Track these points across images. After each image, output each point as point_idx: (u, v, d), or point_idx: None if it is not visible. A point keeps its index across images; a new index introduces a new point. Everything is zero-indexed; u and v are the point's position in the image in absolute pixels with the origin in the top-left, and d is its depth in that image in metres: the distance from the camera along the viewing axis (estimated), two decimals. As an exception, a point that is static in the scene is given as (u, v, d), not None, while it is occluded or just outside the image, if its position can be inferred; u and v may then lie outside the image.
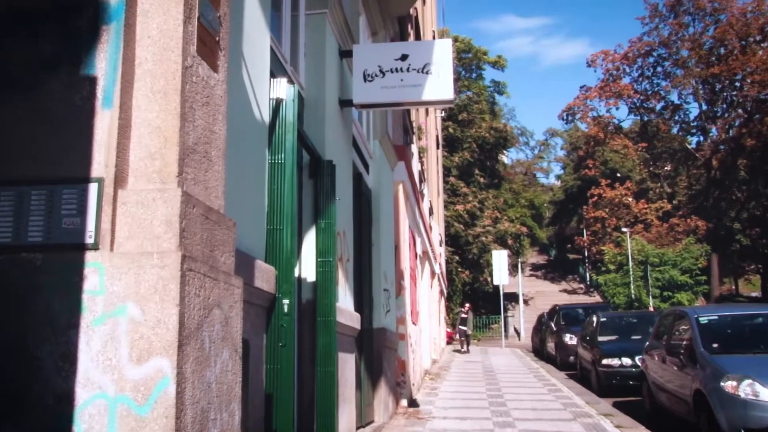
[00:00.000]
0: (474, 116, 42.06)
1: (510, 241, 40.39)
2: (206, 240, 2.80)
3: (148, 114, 2.71)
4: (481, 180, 41.59)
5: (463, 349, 24.16)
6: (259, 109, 4.45)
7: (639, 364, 11.41)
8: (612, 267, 42.04)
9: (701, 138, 49.68)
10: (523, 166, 71.07)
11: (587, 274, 52.14)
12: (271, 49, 5.02)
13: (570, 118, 53.77)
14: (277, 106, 4.93)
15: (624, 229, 43.70)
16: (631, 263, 39.86)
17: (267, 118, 4.68)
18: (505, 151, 50.50)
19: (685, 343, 8.54)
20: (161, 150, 2.68)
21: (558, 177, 70.46)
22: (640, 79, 50.39)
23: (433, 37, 25.32)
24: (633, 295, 38.75)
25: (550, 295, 47.04)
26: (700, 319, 8.71)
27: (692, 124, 50.35)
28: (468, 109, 41.86)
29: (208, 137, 2.95)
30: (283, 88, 4.94)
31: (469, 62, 46.37)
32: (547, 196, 65.87)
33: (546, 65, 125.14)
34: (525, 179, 65.14)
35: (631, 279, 39.61)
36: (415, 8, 16.70)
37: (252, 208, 4.31)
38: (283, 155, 4.87)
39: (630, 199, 47.68)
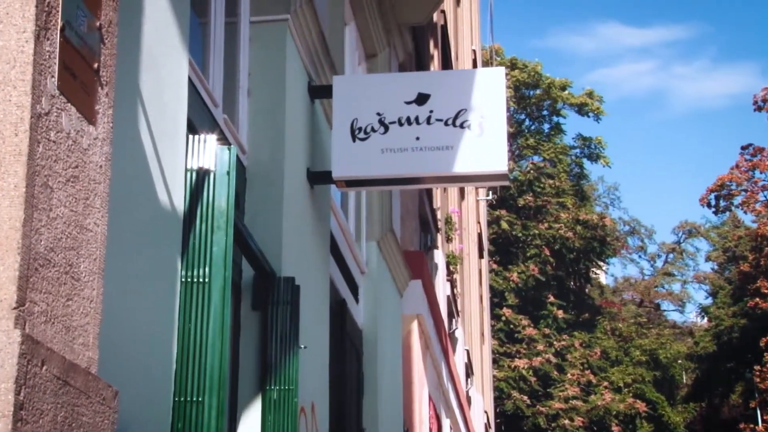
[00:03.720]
0: (547, 200, 42.44)
1: (615, 428, 39.88)
2: (63, 423, 2.77)
3: (-33, 196, 2.73)
4: (560, 314, 41.52)
5: None
6: (167, 190, 4.48)
7: None
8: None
9: None
10: (636, 290, 71.12)
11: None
12: (191, 82, 5.11)
13: (722, 203, 54.09)
14: (199, 182, 4.98)
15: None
16: None
17: (181, 205, 4.72)
18: (602, 264, 50.65)
19: None
20: (-11, 261, 2.69)
21: (703, 310, 70.35)
22: None
23: (474, 63, 25.89)
24: None
25: None
26: None
27: None
28: (536, 188, 42.30)
29: (76, 238, 2.96)
30: (210, 152, 5.00)
31: (537, 104, 47.20)
32: (684, 345, 65.50)
33: (678, 110, 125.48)
34: (640, 314, 65.04)
35: None
36: (443, 12, 17.15)
37: (149, 362, 4.28)
38: (206, 270, 4.88)
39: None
